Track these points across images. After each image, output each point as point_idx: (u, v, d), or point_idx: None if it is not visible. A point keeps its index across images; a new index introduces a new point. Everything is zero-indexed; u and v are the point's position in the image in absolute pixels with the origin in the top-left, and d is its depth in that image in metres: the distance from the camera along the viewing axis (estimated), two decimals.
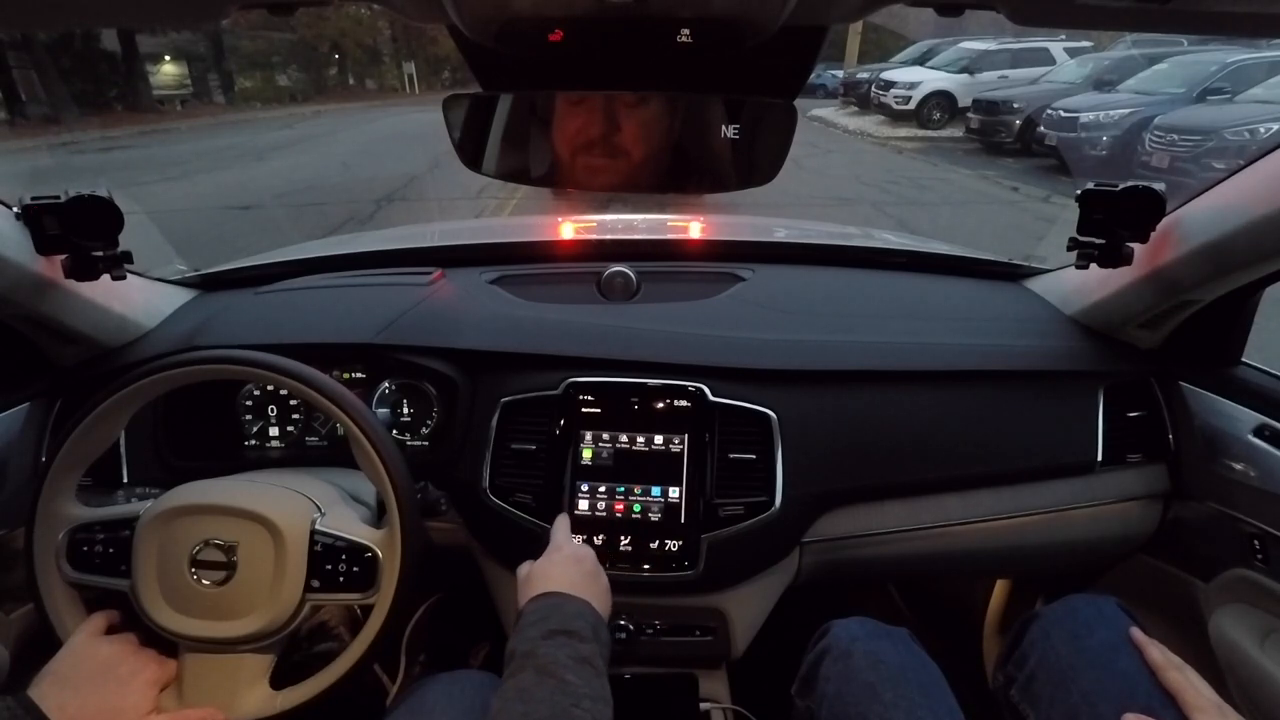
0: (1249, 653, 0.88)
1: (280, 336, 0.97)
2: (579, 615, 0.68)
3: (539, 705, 0.58)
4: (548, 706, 0.58)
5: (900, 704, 0.70)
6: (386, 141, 11.94)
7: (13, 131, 13.29)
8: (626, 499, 0.93)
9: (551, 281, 1.17)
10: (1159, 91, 7.53)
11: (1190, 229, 0.82)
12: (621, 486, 0.93)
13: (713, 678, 0.97)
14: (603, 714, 0.60)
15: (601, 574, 0.79)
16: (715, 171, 0.70)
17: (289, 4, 0.52)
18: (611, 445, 0.94)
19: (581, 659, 0.63)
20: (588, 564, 0.78)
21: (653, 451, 0.93)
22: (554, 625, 0.66)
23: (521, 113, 0.70)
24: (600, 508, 0.93)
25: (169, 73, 20.84)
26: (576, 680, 0.61)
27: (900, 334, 1.03)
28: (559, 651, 0.63)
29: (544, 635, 0.65)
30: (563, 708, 0.58)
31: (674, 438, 0.93)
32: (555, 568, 0.76)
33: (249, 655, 0.75)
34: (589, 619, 0.68)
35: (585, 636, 0.65)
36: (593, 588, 0.75)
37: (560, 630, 0.65)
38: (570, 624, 0.66)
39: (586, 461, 0.94)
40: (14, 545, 0.87)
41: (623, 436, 0.94)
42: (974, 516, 0.99)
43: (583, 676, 0.61)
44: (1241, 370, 0.96)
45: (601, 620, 0.71)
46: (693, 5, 0.52)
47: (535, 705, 0.58)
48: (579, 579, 0.75)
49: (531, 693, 0.59)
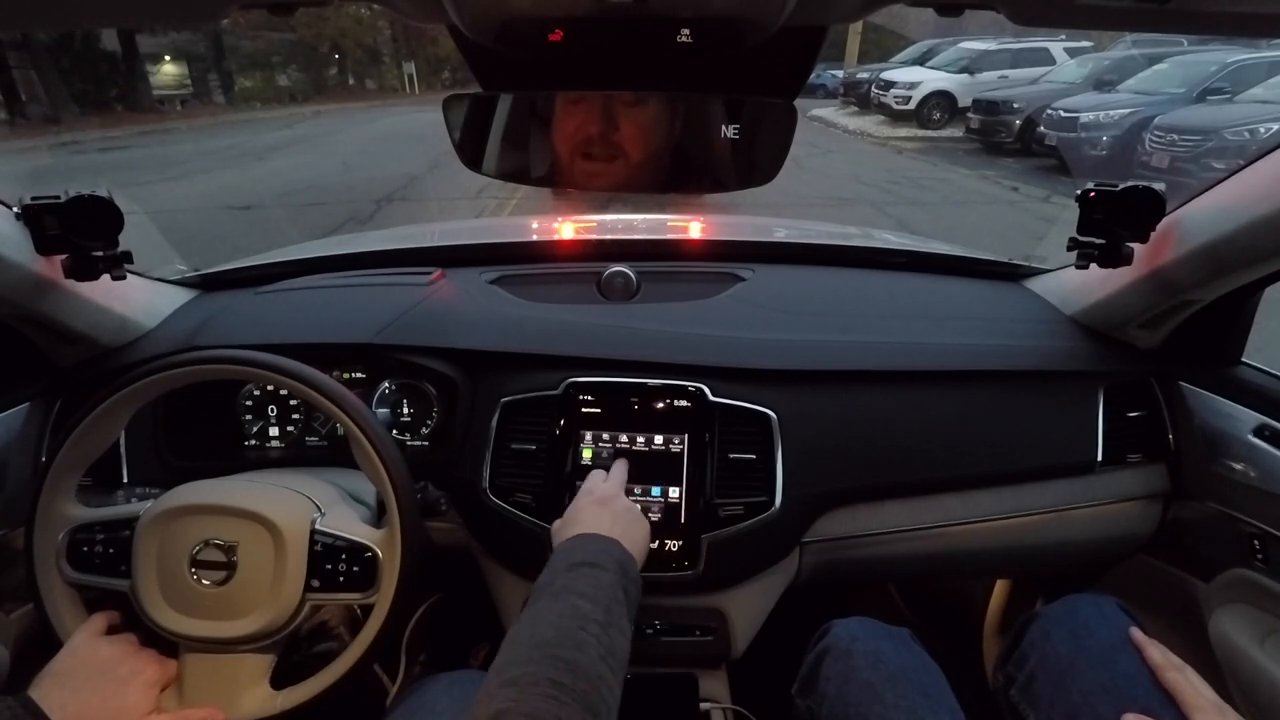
0: (1249, 653, 0.88)
1: (280, 336, 0.97)
2: (604, 551, 0.67)
3: (545, 627, 0.57)
4: (554, 628, 0.57)
5: (901, 704, 0.70)
6: (386, 141, 11.94)
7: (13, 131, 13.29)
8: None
9: (551, 281, 1.17)
10: (1159, 91, 7.53)
11: (1190, 229, 0.82)
12: None
13: (713, 678, 0.97)
14: (615, 641, 0.58)
15: (633, 514, 0.78)
16: (715, 171, 0.71)
17: (289, 4, 0.52)
18: (611, 445, 0.94)
19: (599, 586, 0.62)
20: (616, 504, 0.78)
21: (653, 451, 0.93)
22: (577, 559, 0.65)
23: (521, 113, 0.70)
24: None
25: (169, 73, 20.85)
26: (589, 605, 0.59)
27: (900, 334, 1.03)
28: (579, 582, 0.62)
29: (566, 568, 0.64)
30: (568, 628, 0.56)
31: (674, 438, 0.93)
32: (581, 512, 0.76)
33: (249, 655, 0.75)
34: (614, 554, 0.67)
35: (607, 567, 0.64)
36: (622, 526, 0.74)
37: (583, 562, 0.64)
38: (593, 557, 0.65)
39: (586, 461, 0.94)
40: (14, 545, 0.87)
41: (623, 436, 0.94)
42: (974, 516, 0.99)
43: (597, 602, 0.60)
44: (1241, 370, 0.96)
45: (630, 557, 0.69)
46: (693, 5, 0.52)
47: (541, 627, 0.57)
48: (607, 519, 0.74)
49: (541, 615, 0.58)
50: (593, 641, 0.56)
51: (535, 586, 0.64)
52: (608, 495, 0.79)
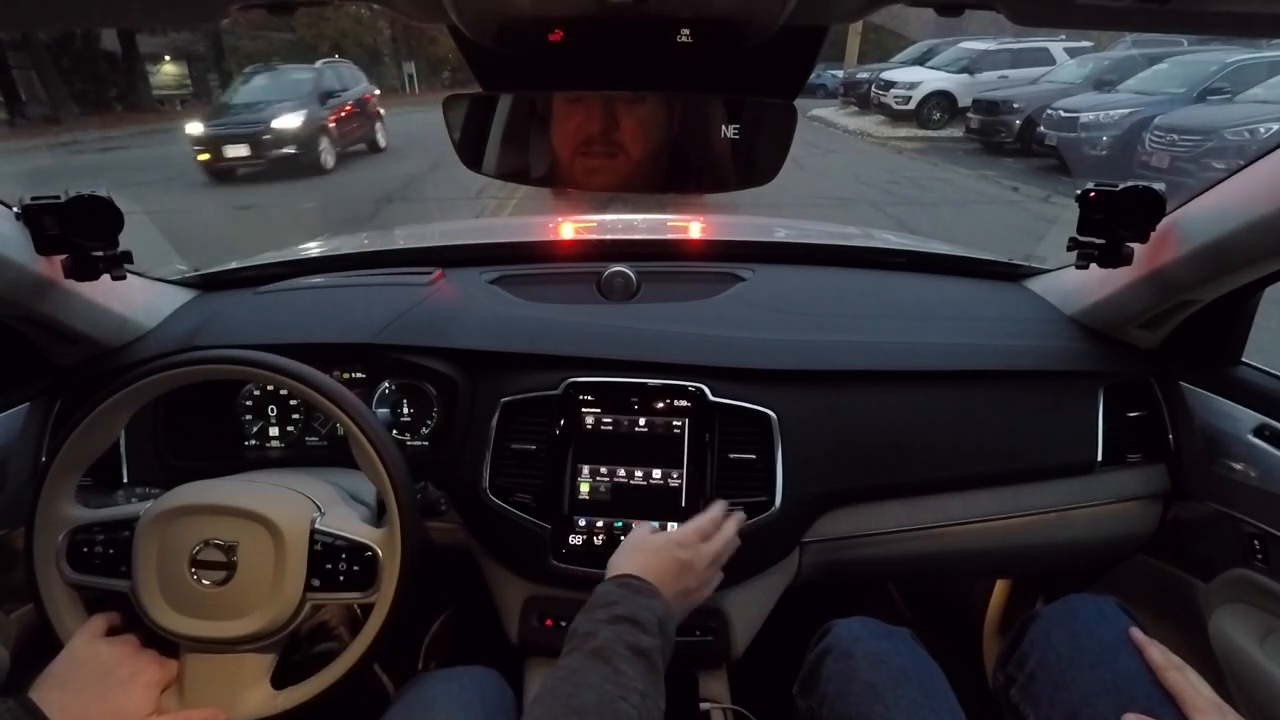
0: (1249, 653, 0.88)
1: (280, 336, 0.97)
2: (648, 608, 0.65)
3: (587, 690, 0.56)
4: (595, 693, 0.56)
5: (902, 704, 0.70)
6: None
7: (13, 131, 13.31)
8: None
9: (551, 281, 1.17)
10: (1159, 91, 7.53)
11: (1190, 229, 0.82)
12: None
13: (713, 678, 0.97)
14: (651, 712, 0.58)
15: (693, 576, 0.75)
16: (715, 171, 0.70)
17: (289, 4, 0.52)
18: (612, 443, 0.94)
19: (640, 651, 0.61)
20: (691, 578, 0.74)
21: (652, 451, 0.93)
22: (621, 611, 0.64)
23: (521, 113, 0.70)
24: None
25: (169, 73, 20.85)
26: (630, 671, 0.58)
27: (900, 334, 1.02)
28: (619, 639, 0.61)
29: (609, 620, 0.63)
30: (610, 697, 0.56)
31: (673, 438, 0.93)
32: (662, 561, 0.73)
33: (250, 655, 0.75)
34: (657, 613, 0.66)
35: (650, 629, 0.63)
36: (676, 584, 0.72)
37: (626, 618, 0.63)
38: (638, 614, 0.64)
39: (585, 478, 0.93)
40: (14, 545, 0.87)
41: (623, 435, 0.94)
42: (974, 516, 0.99)
43: (637, 669, 0.59)
44: (1241, 370, 0.96)
45: (671, 618, 0.68)
46: (693, 5, 0.52)
47: (582, 689, 0.56)
48: (666, 571, 0.72)
49: (582, 675, 0.57)
50: (633, 714, 0.55)
51: (574, 629, 0.63)
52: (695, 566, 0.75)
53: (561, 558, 0.91)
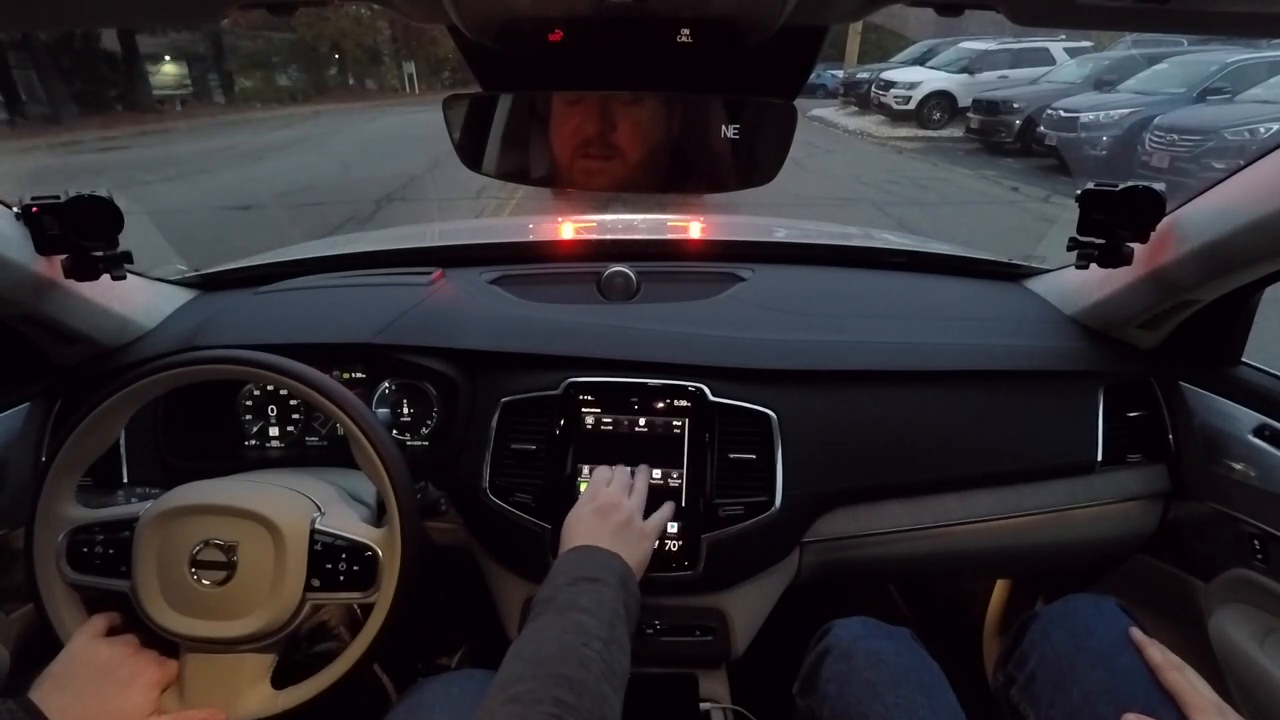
0: (1249, 653, 0.88)
1: (280, 336, 0.97)
2: (606, 565, 0.68)
3: (548, 643, 0.57)
4: (556, 645, 0.57)
5: (902, 704, 0.70)
6: (386, 142, 11.94)
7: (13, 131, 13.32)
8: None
9: (551, 281, 1.17)
10: (1159, 91, 7.53)
11: (1190, 229, 0.82)
12: None
13: (713, 678, 0.97)
14: (617, 659, 0.59)
15: (635, 523, 0.79)
16: (715, 171, 0.70)
17: (289, 4, 0.52)
18: (611, 445, 0.94)
19: (602, 603, 0.62)
20: (618, 514, 0.78)
21: (652, 451, 0.93)
22: (579, 573, 0.66)
23: (521, 113, 0.70)
24: None
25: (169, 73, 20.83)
26: (593, 622, 0.60)
27: (900, 334, 1.02)
28: (581, 596, 0.62)
29: (568, 582, 0.65)
30: (572, 645, 0.57)
31: (673, 438, 0.93)
32: (582, 522, 0.77)
33: (250, 655, 0.75)
34: (616, 570, 0.68)
35: (609, 583, 0.65)
36: (621, 536, 0.75)
37: (585, 577, 0.65)
38: (595, 571, 0.66)
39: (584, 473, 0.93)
40: (14, 545, 0.87)
41: (622, 435, 0.94)
42: (974, 516, 0.99)
43: (600, 619, 0.60)
44: (1241, 370, 0.96)
45: (630, 571, 0.70)
46: (693, 5, 0.52)
47: (545, 643, 0.57)
48: (608, 531, 0.75)
49: (544, 631, 0.59)
50: (596, 659, 0.56)
51: (536, 599, 0.65)
52: (608, 504, 0.79)
53: None
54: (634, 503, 0.82)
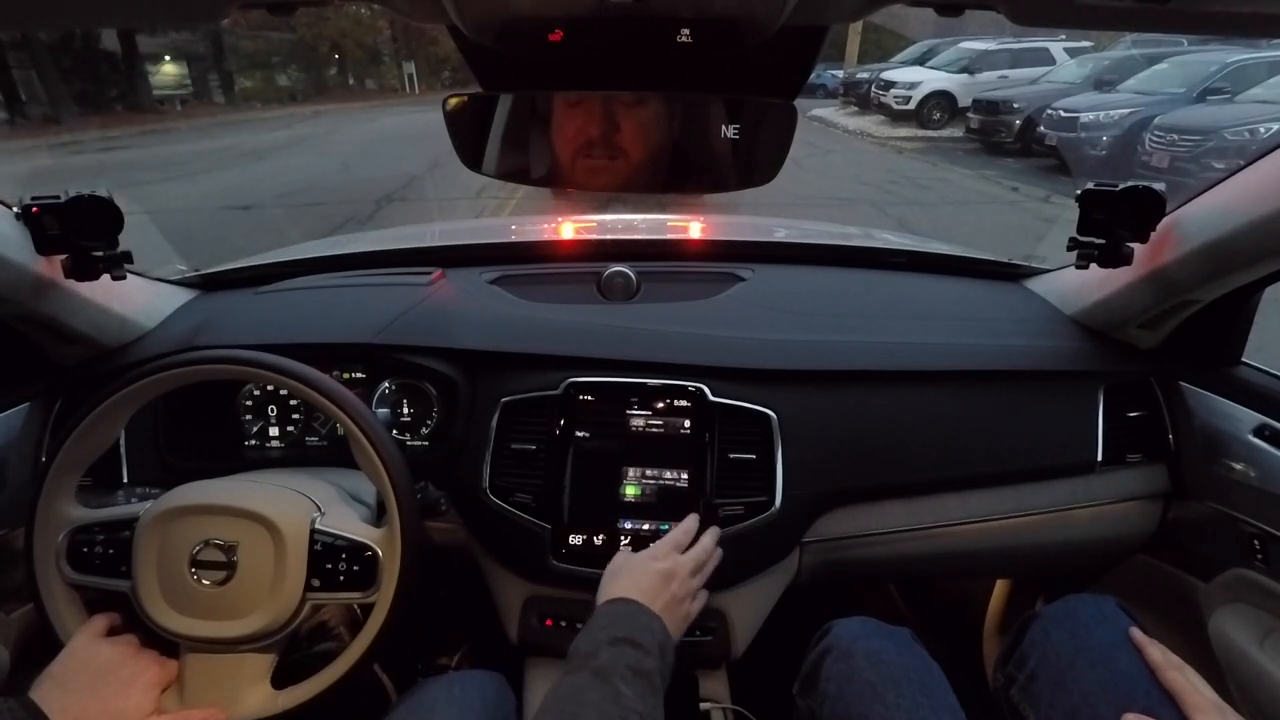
0: (1249, 653, 0.88)
1: (280, 336, 0.97)
2: (648, 629, 0.67)
3: (588, 709, 0.57)
4: (596, 712, 0.57)
5: (902, 704, 0.70)
6: (386, 142, 11.94)
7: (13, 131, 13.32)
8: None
9: (551, 281, 1.17)
10: (1159, 91, 7.53)
11: (1190, 229, 0.82)
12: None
13: (713, 678, 0.97)
14: None
15: (687, 601, 0.78)
16: (715, 171, 0.70)
17: (289, 4, 0.52)
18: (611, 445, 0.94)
19: (641, 672, 0.62)
20: (680, 588, 0.76)
21: (652, 451, 0.93)
22: (621, 633, 0.65)
23: (521, 113, 0.70)
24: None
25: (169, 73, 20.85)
26: (630, 693, 0.59)
27: (900, 334, 1.02)
28: (620, 660, 0.62)
29: (610, 641, 0.64)
30: (611, 717, 0.57)
31: (674, 437, 0.93)
32: (643, 577, 0.75)
33: (250, 655, 0.75)
34: (657, 634, 0.67)
35: (650, 650, 0.64)
36: (672, 608, 0.74)
37: (626, 639, 0.64)
38: (638, 635, 0.65)
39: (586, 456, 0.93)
40: (14, 545, 0.87)
41: (622, 436, 0.94)
42: (974, 516, 0.99)
43: (637, 690, 0.60)
44: (1241, 370, 0.96)
45: (670, 640, 0.69)
46: (693, 5, 0.52)
47: (584, 709, 0.57)
48: (664, 598, 0.73)
49: (583, 695, 0.58)
50: None
51: (576, 648, 0.64)
52: (675, 573, 0.77)
53: (561, 558, 0.91)
54: (696, 583, 0.80)
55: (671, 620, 0.72)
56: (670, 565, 0.77)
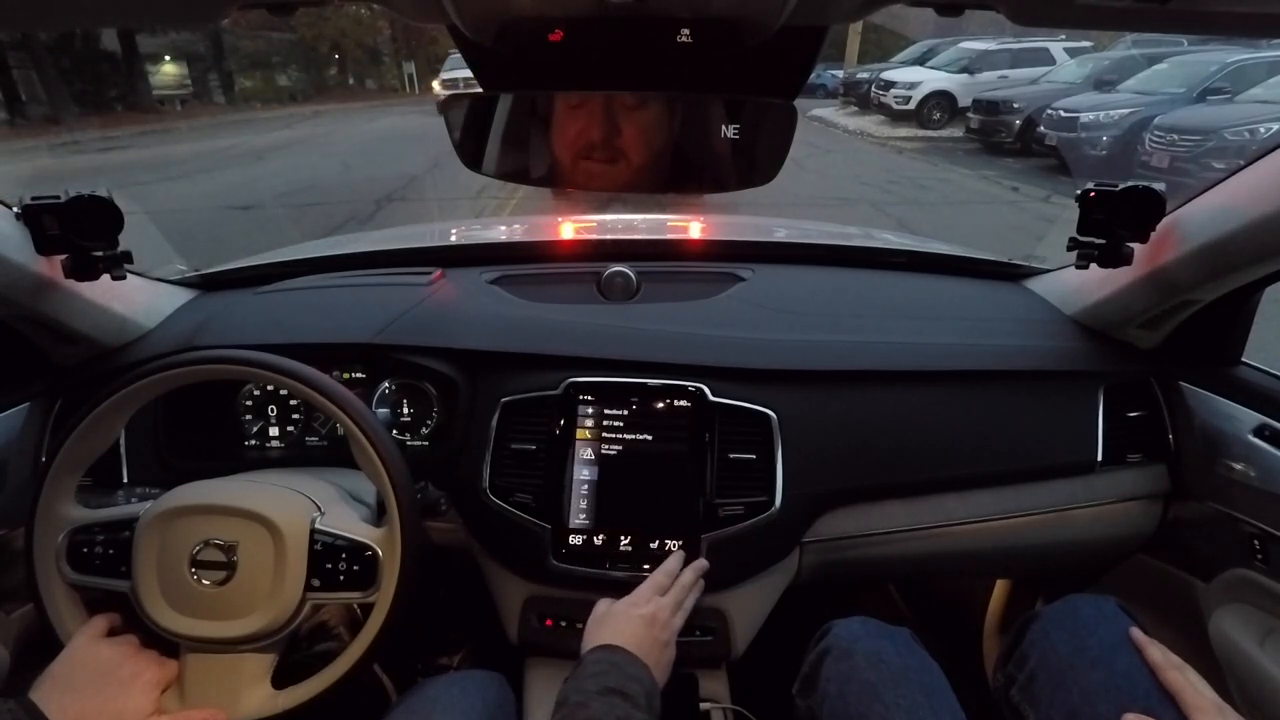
0: (1249, 653, 0.88)
1: (280, 336, 0.97)
2: (637, 679, 0.68)
3: None
4: None
5: (902, 704, 0.70)
6: (386, 141, 11.94)
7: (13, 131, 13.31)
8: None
9: (551, 281, 1.17)
10: (1159, 91, 7.53)
11: (1190, 229, 0.82)
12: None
13: (713, 678, 0.97)
14: None
15: (672, 646, 0.79)
16: (715, 171, 0.71)
17: (289, 4, 0.52)
18: (612, 445, 0.94)
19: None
20: (663, 633, 0.77)
21: (652, 451, 0.93)
22: (611, 683, 0.66)
23: (521, 113, 0.70)
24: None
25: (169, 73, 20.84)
26: None
27: (900, 334, 1.03)
28: (610, 713, 0.62)
29: (599, 690, 0.64)
30: None
31: (674, 438, 0.93)
32: (630, 623, 0.76)
33: (250, 655, 0.75)
34: (645, 684, 0.68)
35: (639, 703, 0.65)
36: (658, 655, 0.75)
37: (616, 690, 0.65)
38: (627, 686, 0.66)
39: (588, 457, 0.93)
40: (14, 545, 0.87)
41: (623, 437, 0.94)
42: (974, 516, 0.99)
43: None
44: (1241, 370, 0.96)
45: (656, 689, 0.70)
46: (693, 5, 0.52)
47: None
48: (648, 643, 0.74)
49: None
50: None
51: (565, 698, 0.65)
52: (658, 618, 0.78)
53: (561, 558, 0.91)
54: (678, 623, 0.81)
55: (657, 665, 0.73)
56: (653, 610, 0.79)
